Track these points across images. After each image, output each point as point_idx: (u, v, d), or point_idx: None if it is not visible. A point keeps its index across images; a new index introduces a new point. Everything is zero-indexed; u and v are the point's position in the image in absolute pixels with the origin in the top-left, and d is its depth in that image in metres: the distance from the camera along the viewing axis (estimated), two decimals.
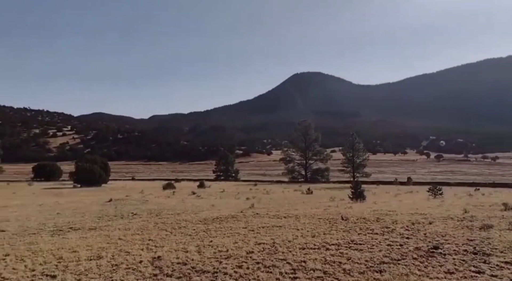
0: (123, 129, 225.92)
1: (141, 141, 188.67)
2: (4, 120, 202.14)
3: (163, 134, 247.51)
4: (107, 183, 46.98)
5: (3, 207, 16.60)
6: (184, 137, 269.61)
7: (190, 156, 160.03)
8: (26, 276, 5.03)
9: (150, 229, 9.45)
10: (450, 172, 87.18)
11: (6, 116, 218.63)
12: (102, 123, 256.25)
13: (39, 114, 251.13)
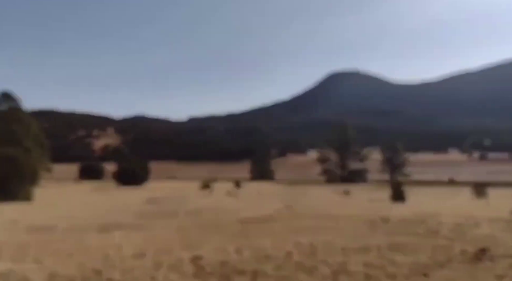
0: (162, 130, 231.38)
1: (179, 141, 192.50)
2: (53, 123, 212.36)
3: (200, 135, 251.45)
4: (147, 183, 48.27)
5: (54, 205, 17.43)
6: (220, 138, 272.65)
7: (226, 157, 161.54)
8: (75, 271, 5.23)
9: (189, 229, 9.60)
10: (495, 173, 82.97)
11: (55, 119, 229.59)
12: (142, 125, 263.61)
13: (84, 117, 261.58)
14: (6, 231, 9.22)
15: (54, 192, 32.78)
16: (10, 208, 15.91)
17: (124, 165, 46.57)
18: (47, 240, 7.87)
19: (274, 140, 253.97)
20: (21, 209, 15.51)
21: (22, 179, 22.03)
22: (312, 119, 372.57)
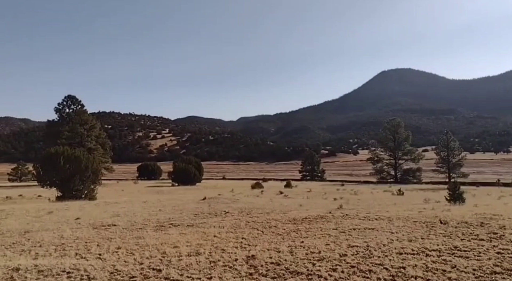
0: (214, 131, 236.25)
1: (230, 142, 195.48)
2: (113, 124, 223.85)
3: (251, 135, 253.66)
4: (200, 182, 49.39)
5: (115, 203, 18.20)
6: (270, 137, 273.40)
7: (276, 156, 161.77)
8: (136, 269, 5.36)
9: (242, 228, 9.59)
10: None
11: (115, 121, 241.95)
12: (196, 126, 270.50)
13: (142, 118, 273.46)
14: (71, 228, 9.70)
15: (115, 191, 34.43)
16: (75, 206, 16.82)
17: (178, 165, 47.90)
18: (109, 238, 8.18)
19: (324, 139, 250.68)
20: (85, 207, 16.34)
21: (86, 179, 23.30)
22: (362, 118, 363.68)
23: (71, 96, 52.96)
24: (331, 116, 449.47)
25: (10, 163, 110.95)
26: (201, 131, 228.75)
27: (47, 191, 24.71)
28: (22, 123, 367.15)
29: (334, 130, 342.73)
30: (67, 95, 52.73)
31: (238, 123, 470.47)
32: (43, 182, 23.41)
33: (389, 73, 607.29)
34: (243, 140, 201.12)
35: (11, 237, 8.49)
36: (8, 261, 5.88)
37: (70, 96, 52.89)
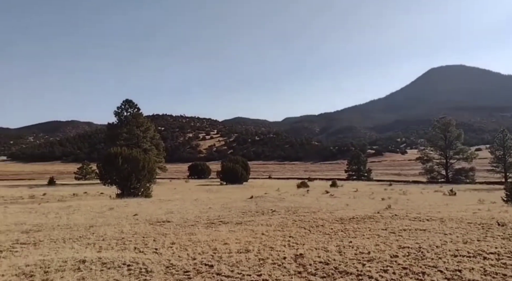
0: (260, 131, 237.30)
1: (275, 142, 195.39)
2: (166, 126, 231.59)
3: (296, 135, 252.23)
4: (247, 181, 49.82)
5: (168, 201, 18.80)
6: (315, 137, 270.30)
7: (321, 156, 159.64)
8: (189, 264, 5.49)
9: (289, 226, 9.53)
10: None
11: (167, 123, 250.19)
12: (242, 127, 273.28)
13: (192, 120, 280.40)
14: (129, 224, 10.12)
15: (168, 189, 35.57)
16: (133, 203, 17.56)
17: (226, 165, 48.61)
18: (164, 233, 8.45)
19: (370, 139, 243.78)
20: (141, 204, 17.01)
21: (142, 177, 24.25)
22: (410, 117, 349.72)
23: (128, 100, 55.51)
24: (377, 115, 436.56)
25: (76, 163, 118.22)
26: (248, 131, 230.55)
27: (108, 188, 25.98)
28: (86, 126, 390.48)
29: (380, 129, 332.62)
30: (125, 100, 55.36)
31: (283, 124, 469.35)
32: (105, 181, 24.66)
33: (438, 70, 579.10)
34: (288, 140, 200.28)
35: (78, 231, 9.01)
36: (75, 253, 6.24)
37: (127, 100, 55.46)
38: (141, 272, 5.00)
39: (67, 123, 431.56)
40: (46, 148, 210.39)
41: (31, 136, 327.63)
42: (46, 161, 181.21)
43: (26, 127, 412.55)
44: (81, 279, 4.62)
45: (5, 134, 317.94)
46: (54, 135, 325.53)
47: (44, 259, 5.68)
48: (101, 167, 25.25)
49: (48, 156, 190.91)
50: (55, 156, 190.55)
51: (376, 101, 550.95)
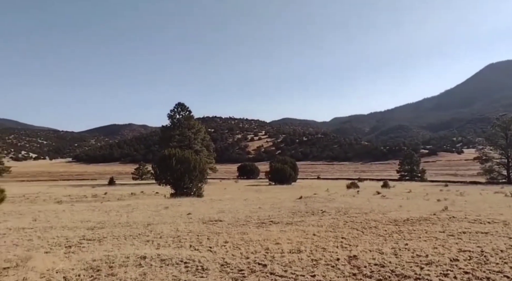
0: (308, 132, 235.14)
1: (324, 142, 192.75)
2: (215, 128, 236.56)
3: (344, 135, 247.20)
4: (296, 182, 49.53)
5: (219, 201, 19.14)
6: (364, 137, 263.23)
7: (371, 156, 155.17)
8: (243, 263, 5.54)
9: (341, 227, 9.34)
10: None
11: (217, 124, 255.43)
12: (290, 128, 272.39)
13: (241, 122, 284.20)
14: (184, 222, 10.42)
15: (218, 189, 36.24)
16: (186, 202, 18.08)
17: (275, 165, 48.66)
18: (217, 232, 8.60)
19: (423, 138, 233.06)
20: (194, 203, 17.46)
21: (194, 178, 24.93)
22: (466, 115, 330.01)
23: (180, 103, 57.41)
24: (430, 113, 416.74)
25: (133, 163, 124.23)
26: (295, 132, 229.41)
27: (163, 188, 26.97)
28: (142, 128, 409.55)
29: (434, 128, 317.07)
30: (177, 103, 57.32)
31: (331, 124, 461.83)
32: (160, 181, 25.64)
33: (497, 66, 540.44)
34: (337, 140, 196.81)
35: (137, 228, 9.43)
36: (136, 250, 6.53)
37: (179, 104, 57.37)
38: (197, 269, 5.12)
39: (124, 126, 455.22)
40: (106, 150, 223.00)
41: (93, 139, 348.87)
42: (106, 162, 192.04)
43: (88, 131, 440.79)
44: (143, 275, 4.82)
45: (70, 137, 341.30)
46: (113, 138, 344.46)
47: (109, 255, 6.01)
48: (156, 168, 26.28)
49: (108, 157, 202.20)
50: (114, 157, 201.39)
51: (430, 99, 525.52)
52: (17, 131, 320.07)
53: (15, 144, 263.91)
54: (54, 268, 5.09)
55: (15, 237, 8.33)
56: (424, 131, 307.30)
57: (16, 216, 12.71)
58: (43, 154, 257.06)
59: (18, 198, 23.97)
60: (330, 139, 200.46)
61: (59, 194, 29.31)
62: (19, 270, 5.04)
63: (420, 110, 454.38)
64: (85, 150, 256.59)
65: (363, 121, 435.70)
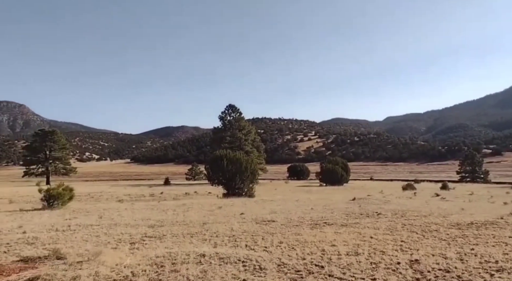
0: (359, 132, 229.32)
1: (376, 142, 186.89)
2: (265, 129, 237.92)
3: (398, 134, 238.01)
4: (347, 183, 48.43)
5: (270, 201, 19.23)
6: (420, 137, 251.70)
7: (428, 156, 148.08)
8: (300, 264, 5.52)
9: (399, 230, 9.01)
10: None
11: (266, 125, 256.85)
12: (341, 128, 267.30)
13: (290, 122, 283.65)
14: (238, 222, 10.59)
15: (269, 190, 36.40)
16: (238, 202, 18.36)
17: (326, 166, 47.95)
18: (271, 232, 8.65)
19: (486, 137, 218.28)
20: (246, 203, 17.68)
21: (245, 178, 25.24)
22: None
23: (231, 105, 58.46)
24: (494, 111, 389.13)
25: (186, 164, 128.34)
26: (346, 132, 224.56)
27: (215, 188, 27.59)
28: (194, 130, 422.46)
29: (498, 127, 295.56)
30: (228, 105, 58.44)
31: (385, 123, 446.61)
32: (212, 181, 26.27)
33: None
34: (391, 140, 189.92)
35: (194, 227, 9.73)
36: (195, 248, 6.75)
37: (230, 105, 58.43)
38: (255, 269, 5.18)
39: (178, 128, 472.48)
40: (161, 151, 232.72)
41: (149, 140, 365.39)
42: (161, 163, 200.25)
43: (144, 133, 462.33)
44: (203, 272, 4.97)
45: (128, 139, 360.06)
46: (167, 140, 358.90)
47: (170, 252, 6.26)
48: (209, 169, 26.96)
49: (163, 158, 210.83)
50: (169, 158, 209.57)
51: (493, 95, 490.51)
52: (81, 134, 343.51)
53: (80, 146, 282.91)
54: (122, 263, 5.40)
55: (84, 233, 8.95)
56: (487, 130, 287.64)
57: (83, 214, 13.64)
58: (104, 155, 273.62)
59: (84, 197, 25.66)
60: (384, 139, 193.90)
61: (120, 193, 30.99)
62: (91, 264, 5.40)
63: (482, 108, 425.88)
64: (142, 151, 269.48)
65: (419, 120, 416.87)
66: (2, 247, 7.21)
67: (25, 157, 69.76)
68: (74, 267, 5.24)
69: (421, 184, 48.75)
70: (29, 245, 7.45)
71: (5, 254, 6.62)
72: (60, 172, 64.81)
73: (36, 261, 5.85)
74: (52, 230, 9.49)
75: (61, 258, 5.88)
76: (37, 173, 64.51)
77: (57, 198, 16.27)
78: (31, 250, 6.88)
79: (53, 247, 6.90)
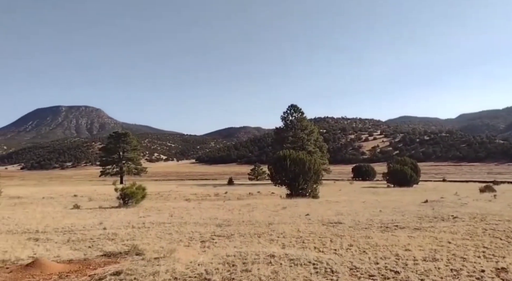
0: (430, 130, 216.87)
1: (449, 141, 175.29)
2: (327, 128, 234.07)
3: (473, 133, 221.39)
4: (417, 184, 45.98)
5: (335, 202, 18.87)
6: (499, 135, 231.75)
7: (508, 156, 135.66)
8: (373, 268, 5.34)
9: (480, 235, 8.37)
10: None
11: (329, 125, 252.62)
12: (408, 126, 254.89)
13: (354, 121, 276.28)
14: (304, 223, 10.52)
15: (333, 190, 35.72)
16: (302, 203, 18.26)
17: (393, 166, 45.95)
18: (339, 235, 8.48)
19: None
20: (310, 204, 17.53)
21: (309, 179, 25.03)
22: None
23: (293, 105, 58.40)
24: None
25: (248, 164, 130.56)
26: (415, 131, 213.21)
27: (278, 188, 27.72)
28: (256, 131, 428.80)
29: None
30: (290, 105, 58.46)
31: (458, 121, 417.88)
32: (275, 181, 26.43)
33: None
34: (465, 139, 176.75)
35: (260, 227, 9.86)
36: (263, 248, 6.83)
37: (292, 105, 58.39)
38: (326, 272, 5.11)
39: (240, 129, 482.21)
40: (224, 151, 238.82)
41: (213, 141, 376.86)
42: (224, 163, 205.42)
43: (208, 134, 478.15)
44: (275, 273, 5.00)
45: (193, 140, 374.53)
46: (230, 140, 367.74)
47: (240, 251, 6.40)
48: (272, 169, 27.15)
49: (226, 158, 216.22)
50: (231, 158, 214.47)
51: None
52: (150, 136, 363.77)
53: (149, 147, 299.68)
54: (196, 261, 5.63)
55: (157, 230, 9.47)
56: None
57: (155, 212, 14.44)
58: (171, 156, 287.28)
59: (154, 195, 27.15)
60: (457, 138, 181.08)
61: (187, 192, 32.34)
62: (167, 260, 5.70)
63: None
64: (206, 152, 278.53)
65: (497, 116, 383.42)
66: (86, 242, 7.88)
67: (101, 157, 75.72)
68: (152, 263, 5.56)
69: (501, 186, 44.72)
70: (109, 240, 8.06)
71: (90, 249, 7.23)
72: (132, 172, 69.27)
73: (117, 256, 6.31)
74: (129, 227, 10.17)
75: (139, 254, 6.29)
76: (112, 172, 69.57)
77: (131, 197, 17.43)
78: (112, 245, 7.44)
79: (131, 243, 7.41)
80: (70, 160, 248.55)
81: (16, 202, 22.47)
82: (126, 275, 4.93)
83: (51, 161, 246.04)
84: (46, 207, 19.29)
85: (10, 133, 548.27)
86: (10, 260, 6.08)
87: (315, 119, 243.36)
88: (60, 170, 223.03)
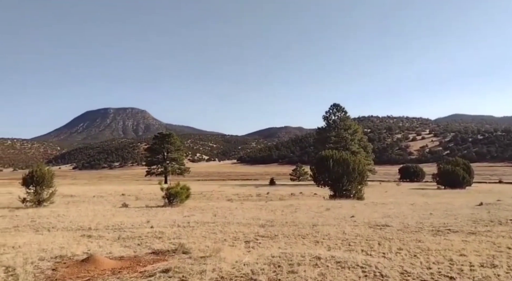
0: (483, 129, 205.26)
1: (506, 140, 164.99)
2: (372, 128, 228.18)
3: None
4: (471, 186, 43.70)
5: (382, 204, 18.33)
6: None
7: None
8: (425, 273, 5.13)
9: None
10: None
11: (373, 124, 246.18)
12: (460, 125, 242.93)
13: (400, 120, 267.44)
14: (349, 225, 10.32)
15: (378, 192, 34.77)
16: (346, 204, 17.91)
17: (444, 167, 43.95)
18: (387, 238, 8.22)
19: None
20: (355, 206, 17.14)
21: (353, 179, 24.50)
22: None
23: (336, 104, 57.47)
24: None
25: (290, 165, 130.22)
26: (467, 130, 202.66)
27: (321, 189, 27.38)
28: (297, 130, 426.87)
29: None
30: (333, 104, 57.57)
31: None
32: (318, 182, 26.11)
33: None
34: None
35: (304, 228, 9.79)
36: (308, 250, 6.77)
37: (335, 105, 57.48)
38: (375, 275, 4.97)
39: (281, 129, 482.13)
40: (265, 152, 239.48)
41: (254, 141, 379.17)
42: (266, 163, 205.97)
43: (249, 134, 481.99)
44: (322, 275, 4.94)
45: (234, 140, 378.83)
46: (271, 140, 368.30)
47: (285, 252, 6.38)
48: (314, 169, 26.84)
49: (267, 159, 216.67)
50: (273, 159, 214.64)
51: None
52: (193, 136, 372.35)
53: (192, 148, 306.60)
54: (241, 261, 5.69)
55: (202, 230, 9.67)
56: None
57: (199, 211, 14.75)
58: (213, 156, 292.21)
59: (197, 195, 27.74)
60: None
61: (229, 192, 32.77)
62: (213, 259, 5.80)
63: None
64: (247, 152, 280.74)
65: None
66: (135, 240, 8.20)
67: (146, 158, 78.56)
68: (199, 262, 5.68)
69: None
70: (157, 239, 8.33)
71: (139, 246, 7.52)
72: (175, 171, 71.26)
73: (165, 254, 6.52)
74: (174, 226, 10.47)
75: (186, 252, 6.46)
76: (157, 172, 71.97)
77: (176, 196, 17.92)
78: (160, 243, 7.69)
79: (177, 241, 7.62)
80: (118, 160, 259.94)
81: (69, 200, 23.86)
82: (174, 273, 5.07)
83: (100, 161, 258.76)
84: (96, 205, 20.33)
85: (63, 135, 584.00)
86: (66, 256, 6.44)
87: (358, 118, 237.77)
88: (108, 169, 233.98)
